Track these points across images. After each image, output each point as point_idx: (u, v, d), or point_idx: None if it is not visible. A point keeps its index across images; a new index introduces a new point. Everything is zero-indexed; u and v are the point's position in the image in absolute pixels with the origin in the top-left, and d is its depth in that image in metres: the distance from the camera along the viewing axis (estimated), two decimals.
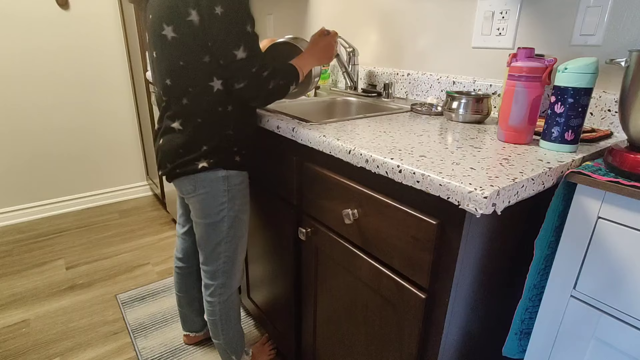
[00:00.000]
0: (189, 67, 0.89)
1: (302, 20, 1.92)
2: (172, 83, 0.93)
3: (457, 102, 1.00)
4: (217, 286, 1.11)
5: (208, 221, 1.03)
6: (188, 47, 0.87)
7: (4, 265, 1.94)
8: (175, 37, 0.87)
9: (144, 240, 2.20)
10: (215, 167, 0.97)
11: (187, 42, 0.87)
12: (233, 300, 1.16)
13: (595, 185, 0.60)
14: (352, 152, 0.75)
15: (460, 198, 0.57)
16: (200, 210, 1.03)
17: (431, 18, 1.30)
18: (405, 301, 0.73)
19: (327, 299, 0.99)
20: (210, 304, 1.14)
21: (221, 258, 1.08)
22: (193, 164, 0.96)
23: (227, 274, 1.11)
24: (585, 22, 0.93)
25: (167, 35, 0.88)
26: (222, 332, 1.17)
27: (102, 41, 2.39)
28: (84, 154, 2.52)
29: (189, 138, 0.95)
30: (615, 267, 0.59)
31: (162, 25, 0.88)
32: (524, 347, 0.80)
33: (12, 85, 2.19)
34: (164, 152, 0.99)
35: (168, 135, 0.98)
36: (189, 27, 0.85)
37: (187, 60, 0.89)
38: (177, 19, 0.85)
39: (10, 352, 1.41)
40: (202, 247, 1.08)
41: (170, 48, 0.89)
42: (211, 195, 1.00)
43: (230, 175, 1.00)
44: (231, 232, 1.06)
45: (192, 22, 0.84)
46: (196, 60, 0.88)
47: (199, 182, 0.99)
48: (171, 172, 0.99)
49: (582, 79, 0.68)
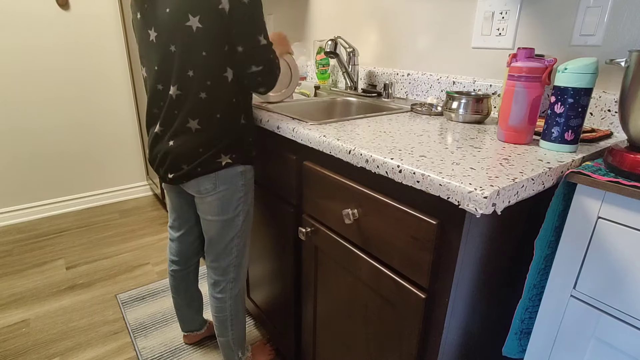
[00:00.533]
0: (210, 57, 0.90)
1: (302, 20, 1.92)
2: (195, 74, 0.91)
3: (457, 102, 1.00)
4: (229, 281, 1.12)
5: (225, 217, 1.03)
6: (214, 36, 0.88)
7: (4, 265, 1.94)
8: (201, 27, 0.87)
9: (144, 240, 2.20)
10: (237, 162, 0.99)
11: (212, 31, 0.88)
12: (242, 295, 1.17)
13: (595, 185, 0.60)
14: (352, 152, 0.75)
15: (460, 198, 0.57)
16: (218, 208, 1.02)
17: (431, 18, 1.30)
18: (405, 301, 0.73)
19: (327, 298, 0.99)
20: (220, 301, 1.13)
21: (233, 252, 1.09)
22: (215, 161, 0.96)
23: (238, 268, 1.12)
24: (585, 22, 0.93)
25: (193, 26, 0.87)
26: (232, 328, 1.17)
27: (102, 41, 2.39)
28: (84, 154, 2.52)
29: (209, 135, 0.94)
30: (615, 267, 0.60)
31: (187, 16, 0.87)
32: (524, 346, 0.80)
33: (12, 86, 2.19)
34: (177, 154, 0.95)
35: (183, 136, 0.95)
36: (219, 16, 0.86)
37: (211, 50, 0.89)
38: (206, 8, 0.86)
39: (10, 352, 1.42)
40: (214, 244, 1.07)
41: (196, 38, 0.88)
42: (230, 192, 1.01)
43: (246, 170, 1.03)
44: (244, 226, 1.08)
45: (223, 11, 0.86)
46: (218, 50, 0.89)
47: (220, 179, 0.99)
48: (189, 173, 0.96)
49: (582, 79, 0.68)
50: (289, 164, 1.01)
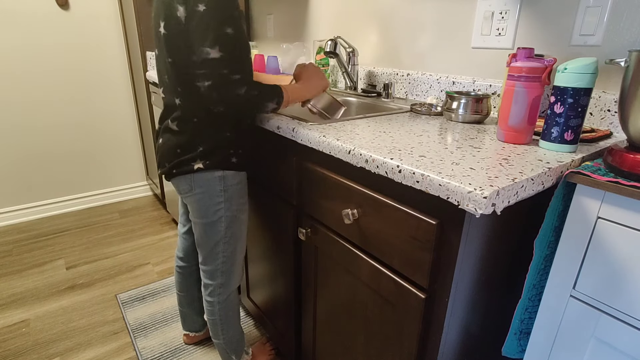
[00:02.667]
0: (176, 65, 0.90)
1: (302, 20, 1.92)
2: (168, 79, 0.95)
3: (457, 102, 1.00)
4: (216, 286, 1.11)
5: (205, 221, 1.03)
6: (175, 44, 0.88)
7: (4, 265, 1.94)
8: (166, 33, 0.88)
9: (144, 240, 2.20)
10: (211, 168, 0.98)
11: (174, 39, 0.88)
12: (232, 300, 1.16)
13: (595, 185, 0.60)
14: (352, 152, 0.75)
15: (459, 198, 0.57)
16: (197, 210, 1.03)
17: (431, 18, 1.30)
18: (404, 301, 0.73)
19: (327, 299, 0.99)
20: (210, 304, 1.14)
21: (220, 258, 1.08)
22: (189, 164, 0.97)
23: (226, 274, 1.11)
24: (585, 22, 0.93)
25: (161, 31, 0.90)
26: (222, 332, 1.17)
27: (102, 41, 2.39)
28: (84, 153, 2.52)
29: (186, 138, 0.95)
30: (615, 267, 0.60)
31: (159, 22, 0.90)
32: (524, 346, 0.80)
33: (12, 86, 2.19)
34: (163, 151, 1.00)
35: (166, 135, 1.00)
36: (177, 23, 0.86)
37: (175, 58, 0.89)
38: (168, 15, 0.87)
39: (10, 352, 1.42)
40: (200, 246, 1.08)
41: (163, 44, 0.91)
42: (207, 195, 1.00)
43: (226, 175, 1.00)
44: (229, 232, 1.06)
45: (179, 19, 0.85)
46: (183, 59, 0.89)
47: (195, 181, 0.99)
48: (169, 172, 1.00)
49: (581, 79, 0.68)
50: (289, 164, 1.01)
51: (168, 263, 1.98)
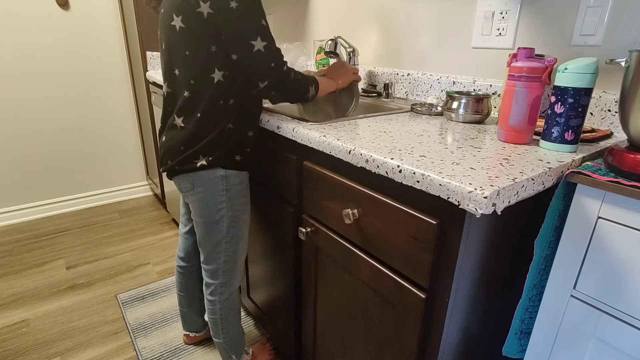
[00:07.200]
0: (194, 57, 0.90)
1: (302, 20, 1.92)
2: (180, 73, 0.94)
3: (457, 102, 1.00)
4: (218, 285, 1.11)
5: (207, 220, 1.03)
6: (196, 36, 0.88)
7: (4, 265, 1.94)
8: (183, 26, 0.89)
9: (144, 240, 2.20)
10: (214, 165, 0.97)
11: (195, 31, 0.88)
12: (233, 300, 1.16)
13: (596, 185, 0.60)
14: (352, 152, 0.75)
15: (460, 198, 0.57)
16: (199, 209, 1.03)
17: (431, 18, 1.30)
18: (405, 301, 0.73)
19: (327, 298, 0.99)
20: (211, 303, 1.14)
21: (221, 257, 1.08)
22: (192, 161, 0.97)
23: (228, 274, 1.11)
24: (585, 22, 0.93)
25: (176, 25, 0.90)
26: (223, 331, 1.17)
27: (102, 41, 2.39)
28: (84, 154, 2.52)
29: (190, 133, 0.95)
30: (615, 267, 0.60)
31: (172, 16, 0.90)
32: (524, 346, 0.80)
33: (12, 86, 2.19)
34: (166, 149, 1.00)
35: (171, 132, 0.99)
36: (198, 18, 0.86)
37: (194, 49, 0.90)
38: (187, 9, 0.87)
39: (10, 352, 1.42)
40: (202, 246, 1.08)
41: (178, 37, 0.91)
42: (209, 194, 1.00)
43: (229, 175, 1.00)
44: (231, 232, 1.06)
45: (202, 14, 0.86)
46: (203, 50, 0.89)
47: (198, 180, 0.99)
48: (171, 169, 1.00)
49: (582, 79, 0.68)
50: (289, 164, 1.01)
51: (168, 263, 1.98)
